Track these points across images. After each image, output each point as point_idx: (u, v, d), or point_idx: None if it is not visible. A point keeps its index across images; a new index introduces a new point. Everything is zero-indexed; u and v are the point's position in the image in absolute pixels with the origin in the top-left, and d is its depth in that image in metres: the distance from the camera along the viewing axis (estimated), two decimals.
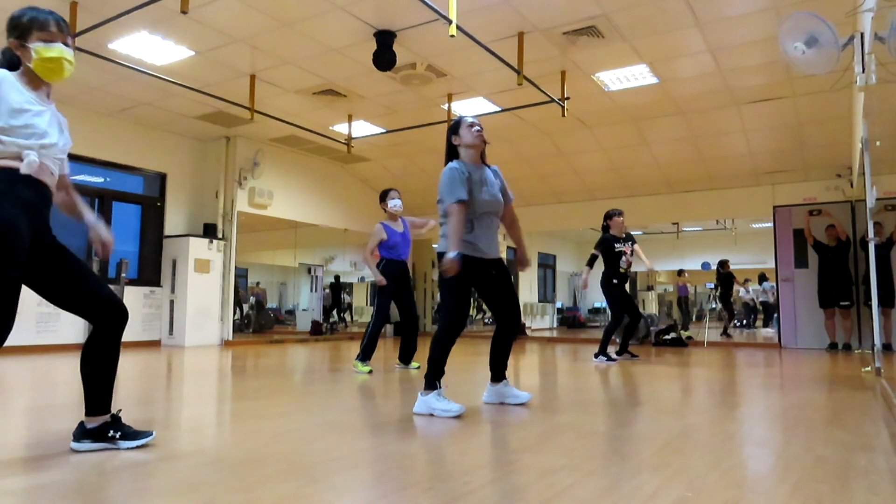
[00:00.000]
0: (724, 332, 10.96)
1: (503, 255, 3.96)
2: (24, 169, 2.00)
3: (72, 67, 2.13)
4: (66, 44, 2.11)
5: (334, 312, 13.40)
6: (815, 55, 3.97)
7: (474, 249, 3.22)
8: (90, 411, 2.21)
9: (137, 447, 2.23)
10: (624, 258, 6.26)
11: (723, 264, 11.44)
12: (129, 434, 2.24)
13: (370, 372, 5.06)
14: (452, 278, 3.12)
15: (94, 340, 2.20)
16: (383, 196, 5.46)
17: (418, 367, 5.42)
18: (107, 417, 2.23)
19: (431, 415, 3.02)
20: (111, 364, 2.22)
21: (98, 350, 2.20)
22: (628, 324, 6.58)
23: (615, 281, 6.31)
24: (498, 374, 3.47)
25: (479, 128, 3.29)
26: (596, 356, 6.26)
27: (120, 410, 2.30)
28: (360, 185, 11.21)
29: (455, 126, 3.33)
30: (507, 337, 3.46)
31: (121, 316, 2.21)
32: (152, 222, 8.60)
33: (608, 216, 6.46)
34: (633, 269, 6.53)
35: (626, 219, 6.54)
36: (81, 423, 2.23)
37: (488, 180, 3.31)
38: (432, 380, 3.12)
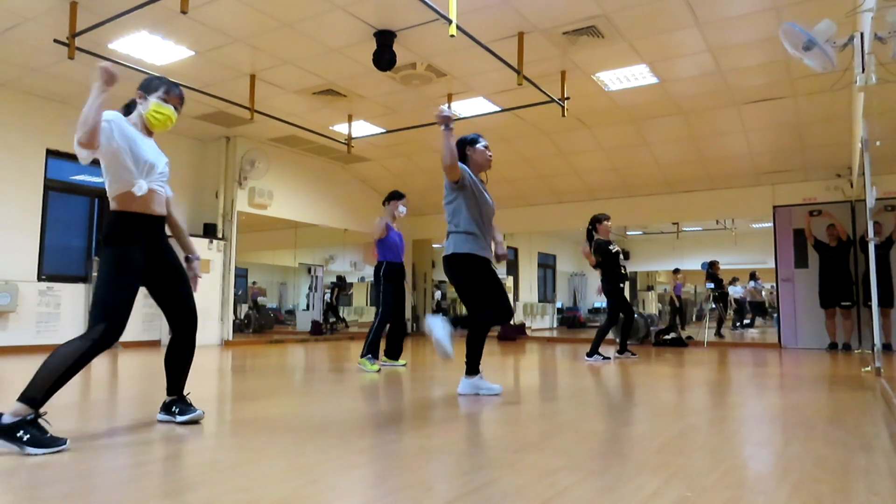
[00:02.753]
0: (717, 332, 10.97)
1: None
2: (136, 193, 2.54)
3: (171, 126, 2.73)
4: (176, 109, 2.73)
5: (332, 311, 13.34)
6: (814, 57, 3.98)
7: (482, 249, 3.60)
8: (168, 391, 2.85)
9: (186, 422, 2.76)
10: (620, 256, 6.47)
11: (712, 265, 11.18)
12: (183, 410, 2.80)
13: (378, 371, 5.14)
14: (480, 271, 3.56)
15: (173, 340, 2.81)
16: (392, 198, 5.53)
17: (405, 365, 5.50)
18: (176, 396, 2.84)
19: (477, 394, 3.64)
20: (185, 358, 2.83)
21: (175, 347, 2.80)
22: (623, 322, 6.62)
23: (621, 285, 6.46)
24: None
25: (490, 154, 3.77)
26: (588, 355, 6.29)
27: (189, 393, 2.89)
28: (360, 185, 11.21)
29: (473, 140, 3.71)
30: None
31: (191, 323, 2.81)
32: None
33: (597, 220, 6.54)
34: (629, 269, 6.62)
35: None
36: (164, 399, 2.87)
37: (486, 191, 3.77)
38: (475, 364, 3.68)
